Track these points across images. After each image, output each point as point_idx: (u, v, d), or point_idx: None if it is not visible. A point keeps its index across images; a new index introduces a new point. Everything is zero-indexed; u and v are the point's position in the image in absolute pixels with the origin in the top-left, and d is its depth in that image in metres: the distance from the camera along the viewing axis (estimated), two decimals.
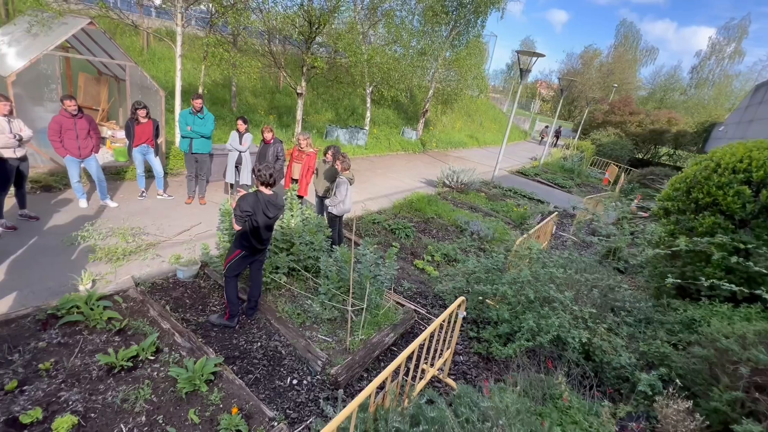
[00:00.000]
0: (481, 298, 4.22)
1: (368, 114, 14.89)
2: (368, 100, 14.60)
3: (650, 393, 2.89)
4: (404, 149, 15.94)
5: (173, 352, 3.21)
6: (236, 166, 6.51)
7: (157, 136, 6.12)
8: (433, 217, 8.08)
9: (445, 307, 4.87)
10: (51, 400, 2.63)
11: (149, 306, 3.70)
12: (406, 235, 6.73)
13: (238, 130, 6.29)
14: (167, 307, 3.85)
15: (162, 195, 6.47)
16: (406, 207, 8.41)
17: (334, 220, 5.28)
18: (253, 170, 3.44)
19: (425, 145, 17.37)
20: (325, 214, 5.40)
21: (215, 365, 3.07)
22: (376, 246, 4.35)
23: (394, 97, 13.52)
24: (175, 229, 5.53)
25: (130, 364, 2.96)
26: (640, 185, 15.15)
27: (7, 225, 4.68)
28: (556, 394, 2.92)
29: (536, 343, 3.42)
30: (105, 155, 7.43)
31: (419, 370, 3.12)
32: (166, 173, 7.56)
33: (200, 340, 3.50)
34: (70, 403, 2.64)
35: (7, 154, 4.46)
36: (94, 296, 3.53)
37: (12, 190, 4.79)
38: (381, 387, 2.51)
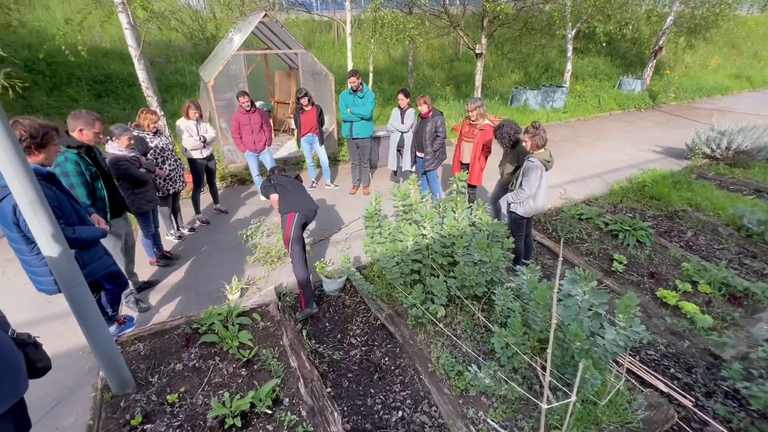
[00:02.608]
0: None
1: (569, 66, 11.64)
2: (569, 48, 11.35)
3: None
4: (621, 107, 11.91)
5: (290, 411, 2.45)
6: (398, 150, 5.56)
7: (321, 123, 5.78)
8: (684, 210, 5.15)
9: (736, 399, 2.57)
10: None
11: (284, 330, 3.13)
12: (638, 241, 4.33)
13: (399, 107, 5.27)
14: (303, 331, 3.21)
15: (329, 185, 6.21)
16: (632, 193, 5.71)
17: (520, 224, 3.62)
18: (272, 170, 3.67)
19: (656, 98, 12.58)
20: (507, 212, 3.80)
21: None
22: (595, 283, 2.46)
23: (610, 34, 9.89)
24: (335, 224, 5.06)
25: (239, 424, 2.34)
26: None
27: (202, 219, 5.13)
28: None
29: None
30: (292, 147, 7.86)
31: None
32: (337, 161, 7.43)
33: (328, 391, 2.67)
34: None
35: (196, 155, 4.77)
36: (234, 312, 3.18)
37: (206, 187, 5.23)
38: None
